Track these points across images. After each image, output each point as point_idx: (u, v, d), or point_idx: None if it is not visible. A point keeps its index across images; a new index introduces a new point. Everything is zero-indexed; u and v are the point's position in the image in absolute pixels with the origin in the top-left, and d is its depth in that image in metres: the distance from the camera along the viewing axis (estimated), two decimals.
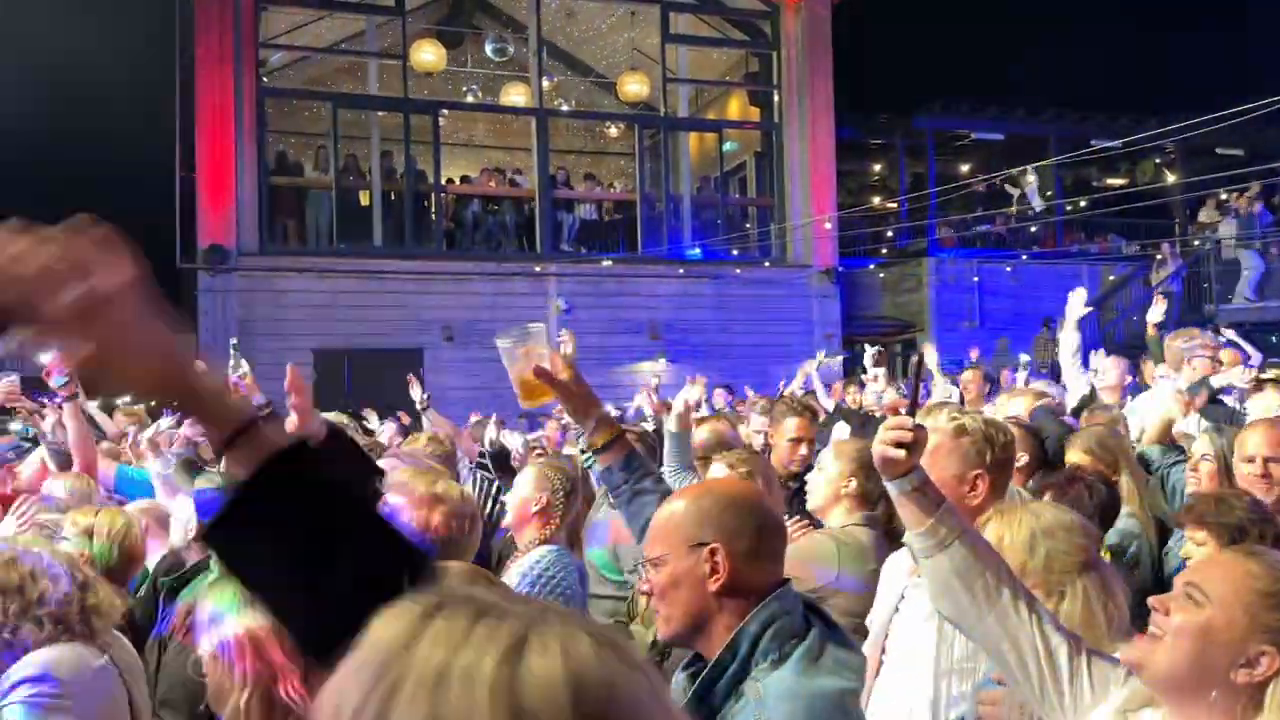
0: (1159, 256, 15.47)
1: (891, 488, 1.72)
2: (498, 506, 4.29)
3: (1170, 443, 3.95)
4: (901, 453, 1.68)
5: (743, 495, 1.74)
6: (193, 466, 4.25)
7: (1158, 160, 18.29)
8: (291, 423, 2.56)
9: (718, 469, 3.16)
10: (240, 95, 12.73)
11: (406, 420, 7.80)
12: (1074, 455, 3.45)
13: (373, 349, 13.02)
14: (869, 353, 7.45)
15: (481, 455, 5.33)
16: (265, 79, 13.88)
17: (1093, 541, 2.06)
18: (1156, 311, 6.40)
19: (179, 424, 4.99)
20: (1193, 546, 2.60)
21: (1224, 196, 16.27)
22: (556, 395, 2.10)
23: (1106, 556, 2.93)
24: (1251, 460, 2.97)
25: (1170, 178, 17.66)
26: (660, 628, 1.67)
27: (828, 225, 14.73)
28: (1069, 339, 5.52)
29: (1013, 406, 4.57)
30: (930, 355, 5.44)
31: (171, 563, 3.25)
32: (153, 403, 6.29)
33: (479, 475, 4.79)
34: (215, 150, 12.63)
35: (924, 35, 18.69)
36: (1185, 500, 3.16)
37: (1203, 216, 16.87)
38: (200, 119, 12.65)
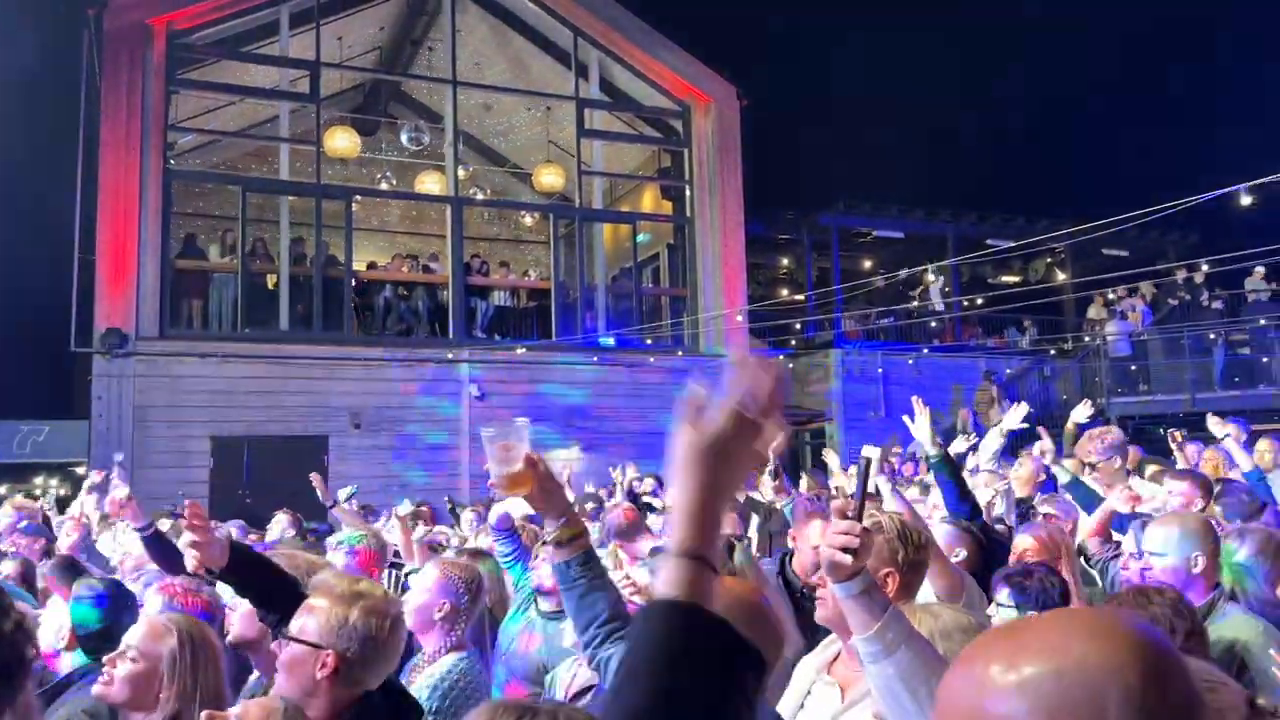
0: (992, 392, 15.87)
1: (838, 590, 1.68)
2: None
3: (1107, 536, 4.08)
4: (849, 558, 1.66)
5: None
6: (72, 568, 4.07)
7: (1049, 260, 19.27)
8: (192, 558, 2.40)
9: None
10: (146, 177, 12.46)
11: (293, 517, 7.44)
12: (1023, 541, 3.55)
13: (275, 436, 12.62)
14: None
15: (396, 554, 5.12)
16: (173, 161, 13.65)
17: None
18: (1081, 412, 6.56)
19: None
20: None
21: (1110, 296, 17.17)
22: (531, 488, 2.07)
23: None
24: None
25: (1060, 276, 18.60)
26: None
27: (739, 318, 15.01)
28: (992, 443, 5.80)
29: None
30: (873, 452, 5.33)
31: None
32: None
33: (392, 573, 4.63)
34: (117, 232, 12.27)
35: (828, 137, 19.51)
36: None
37: (1091, 313, 17.74)
38: (103, 201, 12.31)
